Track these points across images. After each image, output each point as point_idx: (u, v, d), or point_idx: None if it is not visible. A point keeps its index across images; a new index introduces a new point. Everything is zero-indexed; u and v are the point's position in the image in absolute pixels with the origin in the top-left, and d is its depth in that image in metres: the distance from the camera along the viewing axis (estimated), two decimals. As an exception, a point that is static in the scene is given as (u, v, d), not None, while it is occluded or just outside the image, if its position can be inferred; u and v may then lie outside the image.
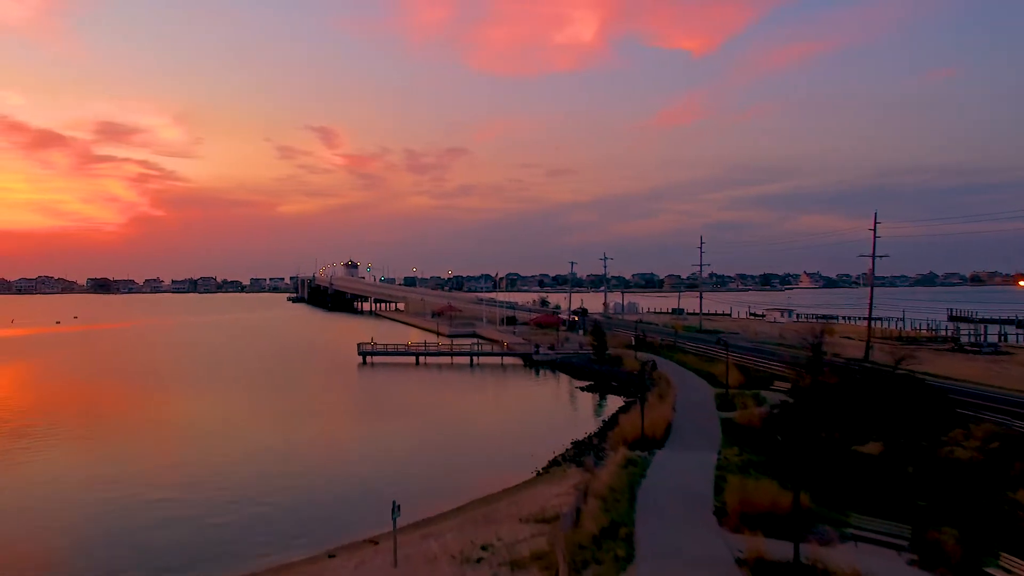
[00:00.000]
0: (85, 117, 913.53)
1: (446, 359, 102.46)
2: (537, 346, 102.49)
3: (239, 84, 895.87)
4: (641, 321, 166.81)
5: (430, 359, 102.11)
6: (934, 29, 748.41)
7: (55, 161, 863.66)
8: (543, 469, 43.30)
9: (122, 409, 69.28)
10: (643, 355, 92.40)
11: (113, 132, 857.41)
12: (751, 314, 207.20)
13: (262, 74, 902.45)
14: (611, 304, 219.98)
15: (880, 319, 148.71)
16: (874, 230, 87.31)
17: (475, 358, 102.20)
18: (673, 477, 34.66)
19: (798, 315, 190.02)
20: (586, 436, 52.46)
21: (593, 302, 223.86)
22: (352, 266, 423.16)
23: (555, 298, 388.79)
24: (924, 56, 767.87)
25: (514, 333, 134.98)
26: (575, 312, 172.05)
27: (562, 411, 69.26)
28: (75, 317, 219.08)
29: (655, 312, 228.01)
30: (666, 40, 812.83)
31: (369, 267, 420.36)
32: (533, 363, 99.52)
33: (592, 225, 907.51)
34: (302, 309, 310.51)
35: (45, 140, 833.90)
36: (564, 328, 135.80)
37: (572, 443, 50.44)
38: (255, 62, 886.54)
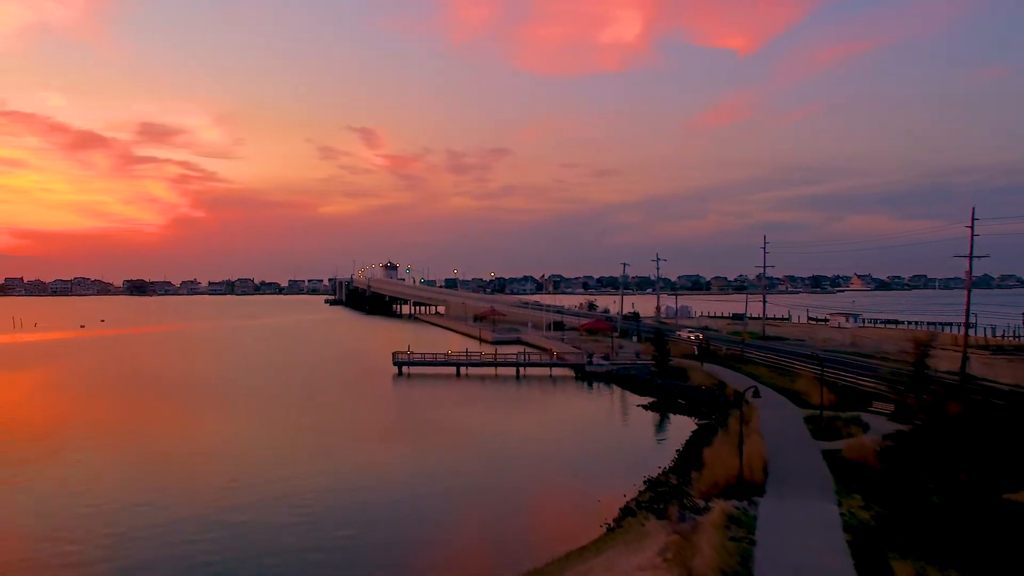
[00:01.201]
0: (126, 118, 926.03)
1: (489, 370, 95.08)
2: (590, 355, 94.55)
3: (281, 84, 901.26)
4: (700, 327, 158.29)
5: (471, 370, 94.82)
6: (983, 27, 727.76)
7: (96, 162, 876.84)
8: (614, 522, 35.27)
9: (116, 428, 62.96)
10: (711, 367, 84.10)
11: (154, 133, 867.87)
12: (811, 319, 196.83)
13: (304, 74, 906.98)
14: (663, 307, 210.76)
15: (949, 324, 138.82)
16: (972, 227, 78.03)
17: (521, 369, 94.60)
18: (794, 548, 26.70)
19: (863, 320, 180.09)
20: (662, 472, 44.39)
21: (641, 305, 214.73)
22: (391, 268, 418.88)
23: (602, 301, 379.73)
24: (973, 55, 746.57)
25: (562, 340, 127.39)
26: (627, 317, 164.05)
27: (625, 435, 61.09)
28: (102, 321, 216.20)
29: (710, 316, 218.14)
30: (711, 39, 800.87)
31: (408, 269, 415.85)
32: (586, 375, 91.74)
33: (636, 226, 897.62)
34: (339, 312, 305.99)
35: (86, 141, 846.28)
36: (616, 334, 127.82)
37: (645, 482, 42.40)
38: (297, 62, 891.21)
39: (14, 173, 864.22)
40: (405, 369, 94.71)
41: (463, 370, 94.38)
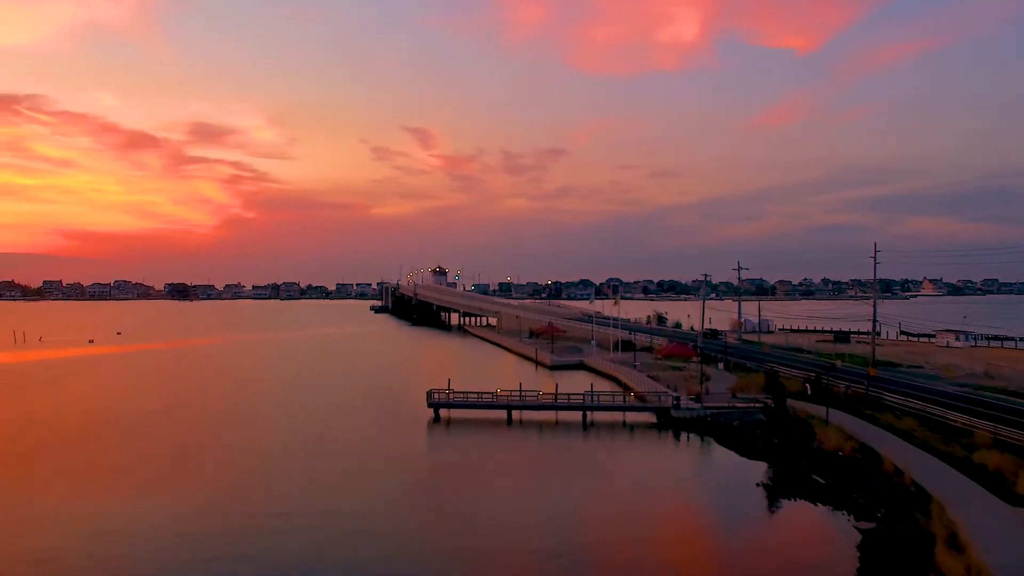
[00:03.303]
0: (178, 118, 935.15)
1: (549, 414, 78.00)
2: (676, 398, 76.91)
3: (335, 84, 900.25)
4: (790, 347, 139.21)
5: (526, 414, 77.90)
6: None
7: (147, 162, 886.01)
8: None
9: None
10: (838, 416, 65.67)
11: (206, 133, 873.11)
12: (905, 333, 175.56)
13: (358, 74, 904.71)
14: (741, 320, 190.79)
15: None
16: None
17: (589, 413, 77.42)
18: None
19: (975, 337, 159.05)
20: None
21: (698, 310, 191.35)
22: (440, 273, 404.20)
23: (662, 306, 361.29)
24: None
25: (635, 366, 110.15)
26: (706, 333, 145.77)
27: (749, 544, 43.39)
28: (118, 334, 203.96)
29: (792, 330, 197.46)
30: (770, 38, 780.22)
31: (458, 275, 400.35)
32: (671, 421, 74.41)
33: (694, 228, 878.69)
34: (383, 322, 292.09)
35: (138, 141, 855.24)
36: (697, 357, 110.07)
37: None
38: (351, 62, 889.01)
39: (65, 173, 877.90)
40: (443, 412, 78.23)
41: (516, 413, 77.58)
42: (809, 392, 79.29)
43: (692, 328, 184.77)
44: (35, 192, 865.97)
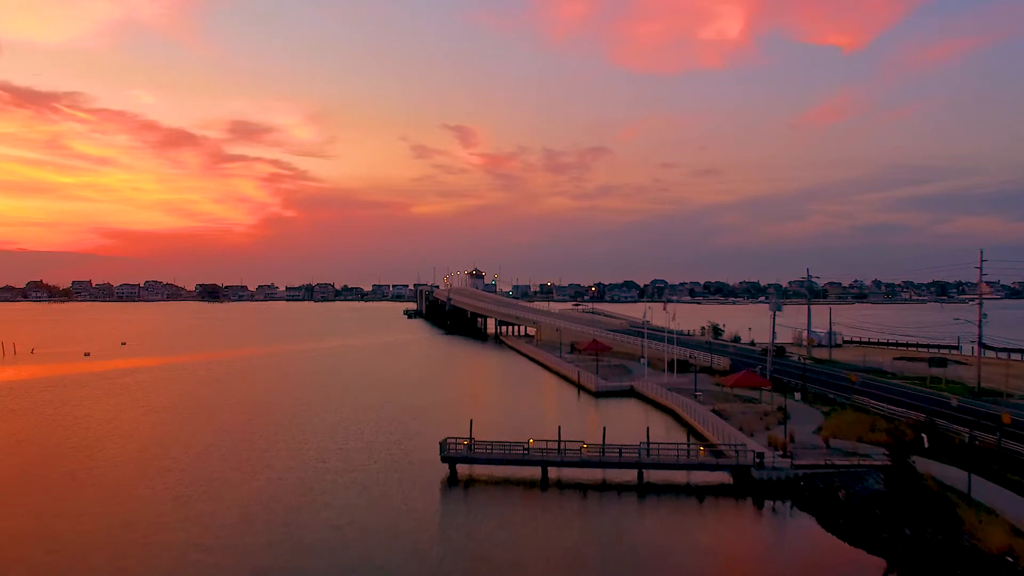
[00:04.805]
0: (217, 116, 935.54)
1: (594, 473, 62.75)
2: (760, 454, 61.17)
3: (374, 82, 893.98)
4: (868, 367, 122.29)
5: (566, 472, 62.77)
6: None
7: (186, 160, 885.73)
8: None
9: None
10: (978, 484, 49.41)
11: (245, 131, 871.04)
12: (986, 347, 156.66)
13: (398, 71, 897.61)
14: (800, 330, 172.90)
15: None
16: None
17: (645, 471, 62.12)
18: None
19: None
20: None
21: (754, 317, 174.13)
22: (477, 276, 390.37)
23: (711, 311, 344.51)
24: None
25: (696, 397, 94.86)
26: (767, 351, 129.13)
27: None
28: (122, 344, 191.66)
29: (859, 342, 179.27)
30: (815, 35, 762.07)
31: (495, 279, 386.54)
32: (752, 485, 59.03)
33: (739, 227, 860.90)
34: (416, 329, 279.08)
35: (176, 139, 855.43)
36: (769, 386, 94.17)
37: None
38: (391, 59, 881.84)
39: (103, 171, 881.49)
40: (461, 470, 63.28)
41: (553, 470, 62.49)
42: (926, 444, 63.56)
43: (753, 342, 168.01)
44: (73, 190, 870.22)
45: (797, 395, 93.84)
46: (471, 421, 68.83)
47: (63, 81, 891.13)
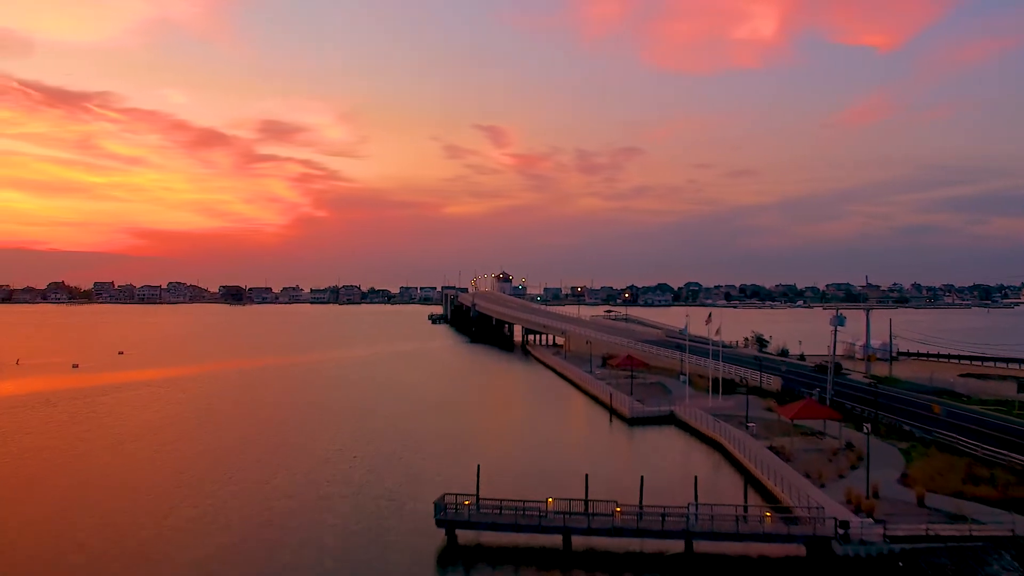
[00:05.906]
0: (248, 116, 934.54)
1: (632, 543, 50.17)
2: (844, 523, 48.30)
3: (406, 81, 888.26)
4: (936, 386, 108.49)
5: (594, 540, 50.28)
6: None
7: (217, 160, 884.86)
8: None
9: None
10: None
11: (276, 131, 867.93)
12: None
13: (430, 71, 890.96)
14: (856, 343, 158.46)
15: None
16: None
17: (694, 542, 49.52)
18: None
19: None
20: None
21: (792, 322, 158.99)
22: (505, 279, 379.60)
23: (747, 316, 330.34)
24: None
25: (747, 427, 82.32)
26: (823, 367, 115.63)
27: None
28: (120, 353, 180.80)
29: (923, 356, 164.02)
30: (850, 35, 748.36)
31: (522, 284, 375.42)
32: (834, 561, 46.36)
33: (773, 228, 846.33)
34: (439, 337, 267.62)
35: (207, 139, 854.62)
36: (837, 416, 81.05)
37: None
38: (422, 59, 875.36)
39: (134, 171, 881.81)
40: (461, 536, 50.94)
41: (577, 538, 50.07)
42: None
43: (803, 355, 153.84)
44: (104, 190, 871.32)
45: (866, 426, 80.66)
46: (478, 467, 56.65)
47: (94, 81, 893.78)
